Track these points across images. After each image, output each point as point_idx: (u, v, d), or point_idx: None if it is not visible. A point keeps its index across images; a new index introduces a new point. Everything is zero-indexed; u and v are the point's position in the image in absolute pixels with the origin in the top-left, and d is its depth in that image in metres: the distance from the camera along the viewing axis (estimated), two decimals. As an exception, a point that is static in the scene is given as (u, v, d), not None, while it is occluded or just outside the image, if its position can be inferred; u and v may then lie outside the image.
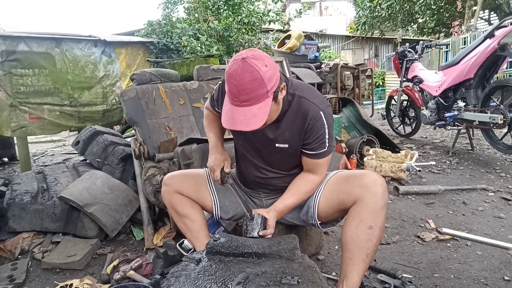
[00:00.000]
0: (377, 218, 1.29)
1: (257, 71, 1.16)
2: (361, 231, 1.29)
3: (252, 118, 1.19)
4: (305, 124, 1.35)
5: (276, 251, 1.20)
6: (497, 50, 3.09)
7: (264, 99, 1.19)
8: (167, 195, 1.60)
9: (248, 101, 1.18)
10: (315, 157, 1.40)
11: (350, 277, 1.30)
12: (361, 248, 1.29)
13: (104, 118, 4.16)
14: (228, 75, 1.19)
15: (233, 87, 1.18)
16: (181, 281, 1.11)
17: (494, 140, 3.32)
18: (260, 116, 1.20)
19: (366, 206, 1.29)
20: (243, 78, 1.15)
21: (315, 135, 1.35)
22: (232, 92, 1.19)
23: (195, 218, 1.58)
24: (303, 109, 1.35)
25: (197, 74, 2.97)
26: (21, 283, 1.74)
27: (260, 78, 1.16)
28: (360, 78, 5.45)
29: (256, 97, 1.18)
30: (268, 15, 7.23)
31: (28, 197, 2.21)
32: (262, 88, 1.17)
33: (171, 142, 2.40)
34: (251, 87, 1.16)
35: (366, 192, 1.30)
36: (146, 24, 6.21)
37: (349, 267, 1.31)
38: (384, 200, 1.31)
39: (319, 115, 1.34)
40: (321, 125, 1.35)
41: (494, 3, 11.00)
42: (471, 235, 1.95)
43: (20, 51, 3.56)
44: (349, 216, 1.34)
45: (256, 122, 1.19)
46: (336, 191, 1.40)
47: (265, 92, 1.18)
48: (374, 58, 17.51)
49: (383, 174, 3.05)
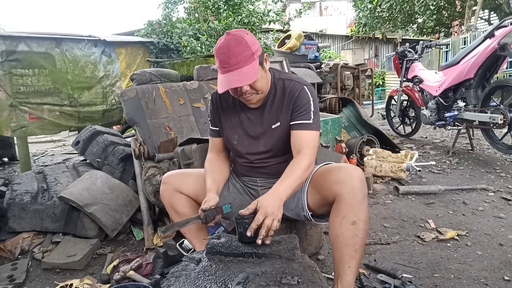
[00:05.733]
0: (359, 212, 1.30)
1: (240, 37, 1.34)
2: (345, 228, 1.30)
3: (244, 76, 1.32)
4: (291, 98, 1.46)
5: (276, 251, 1.20)
6: (497, 50, 3.09)
7: (251, 60, 1.33)
8: (166, 194, 1.59)
9: (237, 64, 1.31)
10: (301, 127, 1.44)
11: (344, 276, 1.31)
12: (348, 246, 1.30)
13: (104, 118, 4.16)
14: (217, 49, 1.35)
15: (222, 56, 1.32)
16: (181, 281, 1.11)
17: (494, 140, 3.32)
18: (250, 74, 1.33)
19: (345, 202, 1.30)
20: (230, 45, 1.32)
21: (300, 105, 1.45)
22: (223, 60, 1.32)
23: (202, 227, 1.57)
24: (288, 88, 1.48)
25: (197, 74, 2.97)
26: (21, 283, 1.74)
27: (245, 42, 1.33)
28: (360, 78, 5.46)
29: (244, 58, 1.32)
30: (268, 15, 7.23)
31: (28, 197, 2.21)
32: (247, 49, 1.32)
33: (171, 142, 2.40)
34: (238, 50, 1.31)
35: (342, 188, 1.30)
36: (146, 24, 6.21)
37: (341, 266, 1.32)
38: (363, 192, 1.31)
39: (302, 88, 1.46)
40: (305, 96, 1.45)
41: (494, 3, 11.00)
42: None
43: (20, 51, 3.56)
44: (332, 213, 1.35)
45: (249, 78, 1.32)
46: (318, 186, 1.42)
47: (251, 54, 1.33)
48: (374, 58, 17.51)
49: (383, 174, 3.05)
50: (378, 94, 11.74)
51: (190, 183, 1.58)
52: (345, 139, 3.65)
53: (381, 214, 2.36)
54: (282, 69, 3.90)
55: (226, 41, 1.32)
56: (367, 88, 6.27)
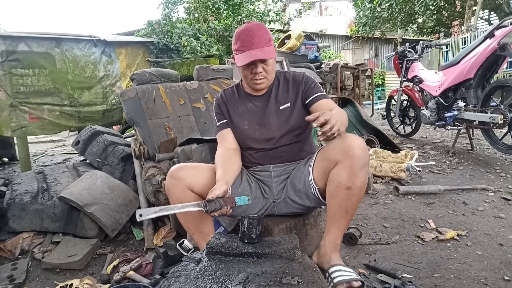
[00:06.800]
0: (356, 179, 1.36)
1: (261, 24, 1.55)
2: (340, 192, 1.39)
3: (266, 52, 1.48)
4: (297, 82, 1.64)
5: (276, 251, 1.20)
6: (497, 50, 3.09)
7: (269, 44, 1.51)
8: (176, 190, 1.46)
9: (259, 44, 1.48)
10: (320, 98, 1.58)
11: (332, 232, 1.46)
12: (341, 207, 1.42)
13: (104, 118, 4.16)
14: (239, 32, 1.51)
15: (246, 37, 1.48)
16: (181, 281, 1.11)
17: (494, 140, 3.32)
18: (271, 52, 1.50)
19: (344, 168, 1.37)
20: (253, 28, 1.50)
21: (308, 84, 1.62)
22: (246, 40, 1.48)
23: (207, 220, 1.54)
24: (290, 77, 1.67)
25: (197, 74, 2.97)
26: (21, 283, 1.74)
27: (265, 28, 1.53)
28: (360, 78, 5.46)
29: (264, 40, 1.49)
30: (268, 15, 7.22)
31: (28, 197, 2.21)
32: (267, 34, 1.52)
33: (171, 142, 2.40)
34: (260, 33, 1.49)
35: (343, 155, 1.37)
36: (146, 24, 6.21)
37: (330, 223, 1.47)
38: (363, 161, 1.37)
39: (304, 74, 1.68)
40: (309, 78, 1.65)
41: (494, 3, 11.00)
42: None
43: (20, 51, 3.56)
44: (329, 178, 1.42)
45: (269, 55, 1.49)
46: (322, 159, 1.49)
47: (269, 39, 1.52)
48: (374, 58, 17.52)
49: (383, 174, 3.05)
50: (378, 94, 11.74)
51: (205, 181, 1.47)
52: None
53: (381, 214, 2.36)
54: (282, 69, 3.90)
55: (249, 25, 1.51)
56: (367, 88, 6.28)
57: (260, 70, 1.52)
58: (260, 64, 1.51)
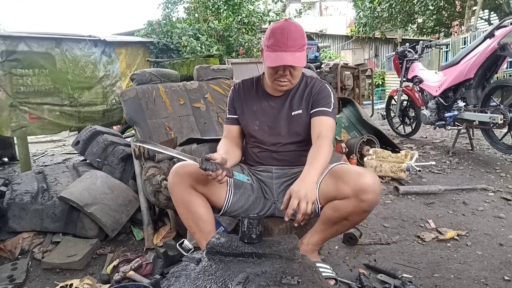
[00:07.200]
0: (358, 217, 1.39)
1: (299, 26, 1.44)
2: (339, 220, 1.41)
3: (298, 59, 1.40)
4: (313, 91, 1.58)
5: (276, 251, 1.20)
6: (497, 50, 3.09)
7: (302, 49, 1.43)
8: (179, 189, 1.45)
9: (293, 47, 1.39)
10: (321, 113, 1.53)
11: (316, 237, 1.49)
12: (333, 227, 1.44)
13: (104, 118, 4.16)
14: (275, 28, 1.42)
15: (281, 35, 1.39)
16: (181, 281, 1.11)
17: (494, 140, 3.32)
18: (302, 59, 1.42)
19: (351, 206, 1.35)
20: (290, 28, 1.40)
21: (321, 95, 1.56)
22: (280, 39, 1.39)
23: (209, 220, 1.52)
24: (311, 84, 1.61)
25: (197, 74, 2.97)
26: (21, 283, 1.74)
27: (302, 31, 1.43)
28: (360, 78, 5.46)
29: (299, 44, 1.41)
30: (268, 15, 7.22)
31: (28, 197, 2.21)
32: (303, 38, 1.43)
33: (171, 142, 2.40)
34: (296, 35, 1.40)
35: (354, 195, 1.32)
36: (146, 24, 6.21)
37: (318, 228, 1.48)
38: (373, 205, 1.37)
39: (324, 84, 1.60)
40: (326, 90, 1.58)
41: (494, 3, 11.00)
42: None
43: (20, 51, 3.56)
44: (334, 205, 1.39)
45: (301, 62, 1.42)
46: (332, 184, 1.42)
47: (304, 44, 1.43)
48: (374, 58, 17.51)
49: (383, 174, 3.05)
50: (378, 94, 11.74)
51: (207, 179, 1.43)
52: (345, 139, 3.65)
53: (381, 214, 2.36)
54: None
55: (287, 24, 1.41)
56: (367, 88, 6.28)
57: (287, 74, 1.47)
58: (288, 68, 1.45)
